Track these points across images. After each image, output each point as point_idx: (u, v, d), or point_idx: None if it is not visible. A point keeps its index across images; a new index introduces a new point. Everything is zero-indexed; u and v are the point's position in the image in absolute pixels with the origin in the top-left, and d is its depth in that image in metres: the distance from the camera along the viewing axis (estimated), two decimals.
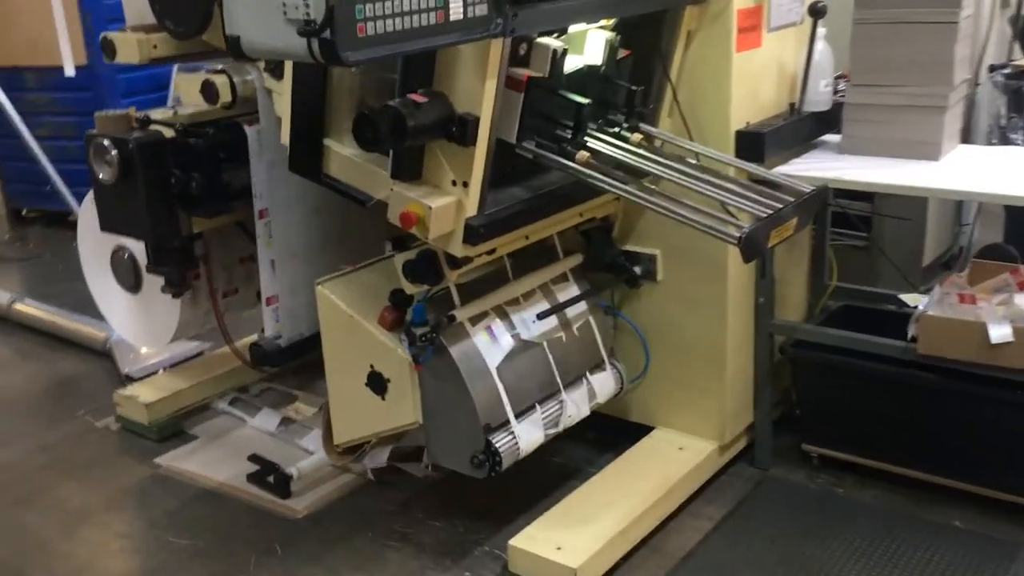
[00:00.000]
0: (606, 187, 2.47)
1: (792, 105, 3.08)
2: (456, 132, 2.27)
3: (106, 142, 3.01)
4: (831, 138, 3.23)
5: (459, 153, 2.34)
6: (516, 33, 2.22)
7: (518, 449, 2.77)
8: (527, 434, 2.80)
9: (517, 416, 2.79)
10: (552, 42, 2.47)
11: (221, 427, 3.79)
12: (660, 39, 2.81)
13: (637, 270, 3.14)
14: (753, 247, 2.30)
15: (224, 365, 3.95)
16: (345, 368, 2.93)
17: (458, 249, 2.46)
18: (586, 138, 2.60)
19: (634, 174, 2.57)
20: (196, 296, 3.49)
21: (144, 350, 4.14)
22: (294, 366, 3.72)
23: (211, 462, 3.54)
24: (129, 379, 4.11)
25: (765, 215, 2.36)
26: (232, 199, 3.14)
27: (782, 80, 3.09)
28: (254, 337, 3.32)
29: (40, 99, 5.96)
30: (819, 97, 3.06)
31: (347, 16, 1.69)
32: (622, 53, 2.75)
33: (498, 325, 2.82)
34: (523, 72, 2.43)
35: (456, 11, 1.97)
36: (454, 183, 2.39)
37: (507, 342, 2.82)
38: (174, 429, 3.76)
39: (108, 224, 3.21)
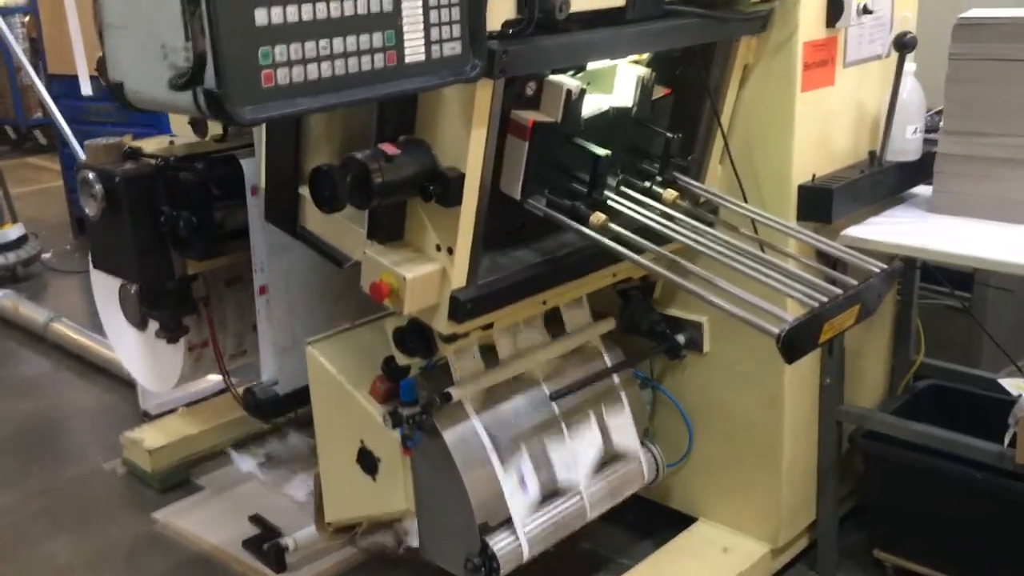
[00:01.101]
0: (622, 256, 2.04)
1: (872, 154, 2.58)
2: (435, 191, 1.88)
3: (91, 175, 2.72)
4: (922, 190, 2.72)
5: (443, 213, 1.95)
6: (507, 75, 1.82)
7: (522, 552, 2.37)
8: (534, 535, 2.39)
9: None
10: (567, 81, 2.05)
11: (230, 478, 3.49)
12: (709, 75, 2.37)
13: (680, 339, 2.70)
14: (796, 346, 1.84)
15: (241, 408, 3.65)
16: (335, 440, 2.58)
17: (442, 325, 2.07)
18: (608, 194, 2.18)
19: (659, 240, 2.13)
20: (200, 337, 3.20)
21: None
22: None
23: (211, 520, 3.25)
24: (147, 415, 3.87)
25: (816, 304, 1.90)
26: (227, 239, 2.81)
27: (861, 124, 2.60)
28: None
29: (101, 108, 5.82)
30: (906, 145, 2.56)
31: (243, 62, 1.31)
32: (660, 92, 2.31)
33: (505, 404, 2.42)
34: (529, 116, 2.03)
35: (415, 52, 1.57)
36: (438, 248, 2.00)
37: (515, 423, 2.42)
38: (179, 478, 3.48)
39: (98, 261, 2.95)
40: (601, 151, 2.08)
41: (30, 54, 8.28)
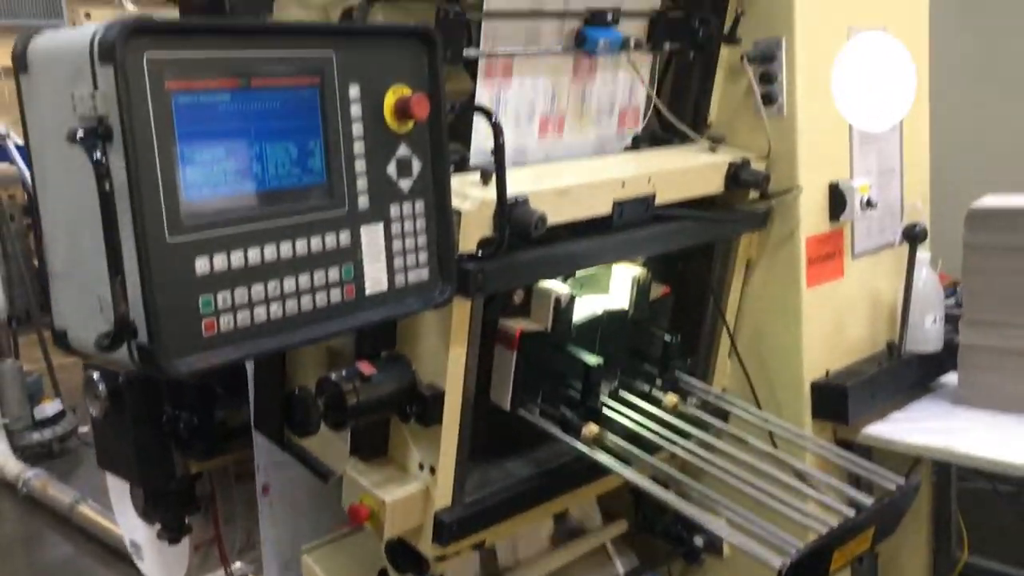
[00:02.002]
0: (615, 472, 1.93)
1: (891, 344, 2.46)
2: (413, 410, 1.81)
3: (95, 375, 2.69)
4: (950, 379, 2.58)
5: (424, 431, 1.87)
6: (485, 293, 1.76)
7: None
8: None
9: None
10: (556, 288, 2.00)
11: None
12: (710, 272, 2.29)
13: (698, 541, 2.53)
14: None
15: None
16: None
17: (427, 548, 1.95)
18: (605, 400, 2.08)
19: (657, 451, 2.02)
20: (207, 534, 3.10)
21: None
22: None
23: None
24: None
25: (825, 529, 1.75)
26: (230, 438, 2.75)
27: (876, 314, 2.49)
28: None
29: None
30: (926, 335, 2.43)
31: (181, 314, 1.26)
32: (659, 291, 2.24)
33: None
34: (516, 326, 1.96)
35: (376, 282, 1.52)
36: (421, 467, 1.91)
37: None
38: None
39: (102, 461, 2.87)
40: (593, 360, 2.00)
41: None
